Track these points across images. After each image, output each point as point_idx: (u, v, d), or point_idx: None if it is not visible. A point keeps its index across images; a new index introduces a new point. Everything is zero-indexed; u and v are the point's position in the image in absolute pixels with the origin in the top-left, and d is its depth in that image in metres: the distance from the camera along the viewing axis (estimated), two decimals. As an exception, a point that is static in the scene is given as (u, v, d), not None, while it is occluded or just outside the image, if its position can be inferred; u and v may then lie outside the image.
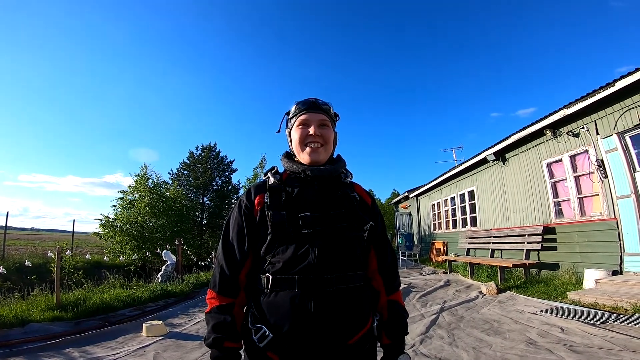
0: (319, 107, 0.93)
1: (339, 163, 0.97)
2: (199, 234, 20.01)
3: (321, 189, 0.89)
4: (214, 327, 0.82)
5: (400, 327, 0.93)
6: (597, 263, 4.79)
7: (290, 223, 0.82)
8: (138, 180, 14.43)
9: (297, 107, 0.95)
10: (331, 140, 0.94)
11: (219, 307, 0.84)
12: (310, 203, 0.86)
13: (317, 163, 0.90)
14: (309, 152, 0.90)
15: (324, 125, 0.93)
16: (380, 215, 0.98)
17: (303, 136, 0.91)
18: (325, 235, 0.82)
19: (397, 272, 0.99)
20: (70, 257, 6.34)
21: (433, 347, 2.84)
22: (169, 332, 3.61)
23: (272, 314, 0.80)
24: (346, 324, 0.80)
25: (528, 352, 2.58)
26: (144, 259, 12.03)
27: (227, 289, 0.86)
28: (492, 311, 3.97)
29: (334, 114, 0.98)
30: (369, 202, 0.97)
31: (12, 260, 9.32)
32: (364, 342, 0.84)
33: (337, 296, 0.79)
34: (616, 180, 4.67)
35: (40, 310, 4.09)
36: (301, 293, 0.78)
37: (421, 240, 13.34)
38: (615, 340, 2.65)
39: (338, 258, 0.82)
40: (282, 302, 0.79)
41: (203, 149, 23.20)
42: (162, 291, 5.79)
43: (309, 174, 0.89)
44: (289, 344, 0.78)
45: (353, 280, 0.83)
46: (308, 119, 0.92)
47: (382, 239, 0.97)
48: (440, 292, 5.43)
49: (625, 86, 4.29)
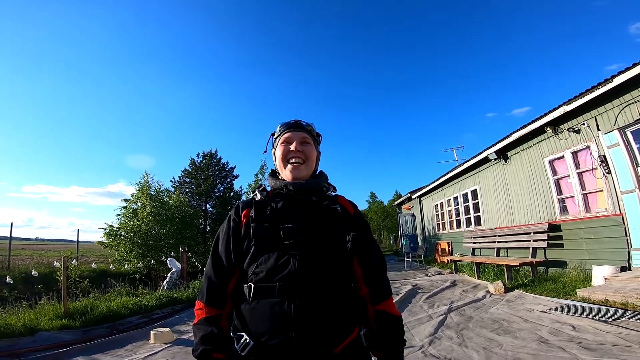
0: (300, 126, 0.98)
1: (320, 177, 1.00)
2: (203, 240, 19.98)
3: (303, 202, 0.92)
4: (202, 338, 0.83)
5: (390, 338, 0.90)
6: (605, 259, 4.75)
7: (272, 234, 0.85)
8: (140, 189, 14.51)
9: (280, 127, 1.00)
10: (312, 157, 0.98)
11: (207, 318, 0.86)
12: (293, 215, 0.89)
13: (298, 179, 0.94)
14: (290, 169, 0.94)
15: (306, 142, 0.97)
16: (364, 224, 0.99)
17: (285, 153, 0.96)
18: (306, 245, 0.84)
19: (383, 281, 0.96)
20: (76, 266, 6.35)
21: (442, 348, 2.82)
22: (176, 339, 3.61)
23: (253, 321, 0.81)
24: (327, 330, 0.80)
25: (540, 351, 2.56)
26: (149, 266, 12.02)
27: (214, 300, 0.88)
28: (501, 310, 3.94)
29: (316, 134, 1.03)
30: (352, 212, 0.98)
31: (19, 270, 9.35)
32: (350, 351, 0.83)
33: (317, 303, 0.80)
34: (619, 175, 4.66)
35: (48, 319, 4.10)
36: (281, 300, 0.79)
37: (425, 241, 13.27)
38: (628, 337, 2.62)
39: (318, 266, 0.83)
40: (263, 309, 0.80)
41: (204, 156, 23.27)
42: (168, 298, 5.79)
43: (291, 188, 0.92)
44: (270, 350, 0.78)
45: (334, 288, 0.84)
46: (290, 136, 0.97)
47: (366, 248, 0.96)
48: (447, 293, 5.39)
49: (624, 82, 4.31)
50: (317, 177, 1.00)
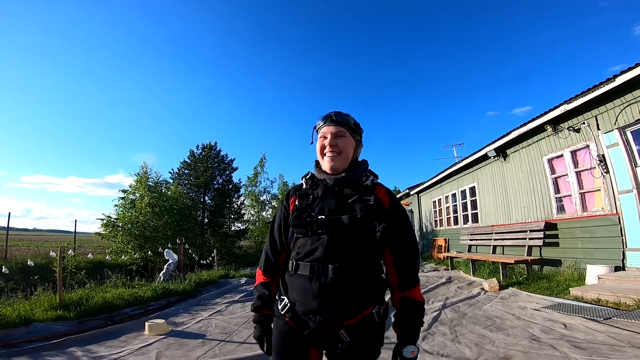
0: (335, 120, 1.08)
1: (357, 168, 1.10)
2: (201, 232, 20.04)
3: (339, 193, 1.06)
4: (258, 297, 1.12)
5: (409, 320, 1.03)
6: (600, 259, 4.77)
7: (307, 224, 1.03)
8: (138, 180, 14.45)
9: (319, 121, 1.11)
10: (348, 148, 1.08)
11: (262, 283, 1.14)
12: (328, 206, 1.04)
13: (335, 170, 1.07)
14: (327, 161, 1.07)
15: (340, 136, 1.07)
16: (399, 216, 1.08)
17: (321, 146, 1.09)
18: (333, 235, 1.00)
19: (413, 270, 1.06)
20: (73, 256, 6.35)
21: (435, 344, 2.84)
22: (171, 331, 3.62)
23: (291, 290, 1.05)
24: (343, 305, 0.97)
25: (531, 349, 2.57)
26: (146, 258, 12.04)
27: (268, 270, 1.14)
28: (495, 308, 3.97)
29: (353, 124, 1.10)
30: (387, 204, 1.06)
31: (15, 260, 9.36)
32: (363, 325, 0.99)
33: (335, 283, 0.97)
34: (617, 175, 4.65)
35: (43, 309, 4.10)
36: (311, 277, 1.00)
37: (422, 238, 13.33)
38: (619, 337, 2.64)
39: (340, 253, 0.99)
40: (298, 282, 1.03)
41: (204, 148, 23.15)
42: (165, 290, 5.81)
43: (329, 182, 1.07)
44: (300, 314, 1.00)
45: (353, 272, 0.99)
46: (325, 131, 1.08)
47: (398, 239, 1.06)
48: (442, 289, 5.43)
49: (626, 81, 4.26)
50: (356, 167, 1.11)
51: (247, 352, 2.81)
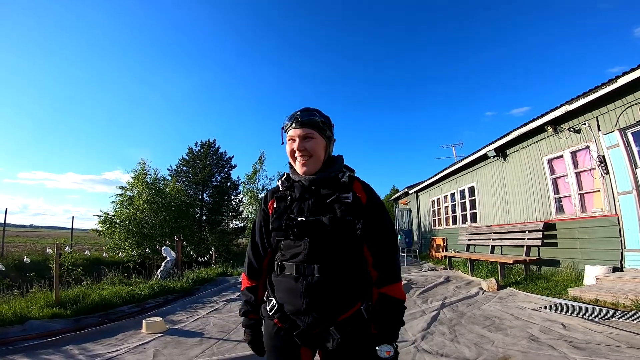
0: (301, 122, 1.02)
1: (332, 167, 1.07)
2: (199, 230, 19.99)
3: (316, 194, 1.04)
4: (245, 302, 1.14)
5: (385, 318, 1.00)
6: (598, 259, 4.78)
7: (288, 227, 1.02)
8: (136, 177, 14.35)
9: (285, 122, 1.06)
10: (318, 150, 1.04)
11: (248, 287, 1.14)
12: (307, 207, 1.03)
13: (308, 174, 1.04)
14: (298, 166, 1.05)
15: (309, 137, 1.02)
16: (376, 211, 1.05)
17: (291, 151, 1.05)
18: (314, 237, 1.00)
19: (391, 266, 1.03)
20: (69, 253, 6.30)
21: (435, 343, 2.84)
22: (168, 329, 3.60)
23: (278, 290, 1.04)
24: (329, 303, 0.98)
25: (530, 349, 2.57)
26: (143, 255, 12.00)
27: (252, 275, 1.14)
28: (493, 307, 3.97)
29: (321, 123, 1.04)
30: (364, 199, 1.04)
31: (11, 257, 9.29)
32: (351, 321, 0.99)
33: (321, 282, 0.97)
34: (617, 176, 4.65)
35: (39, 307, 4.07)
36: (297, 277, 1.00)
37: (421, 237, 13.35)
38: (617, 337, 2.64)
39: (322, 254, 0.99)
40: (284, 282, 1.03)
41: (202, 145, 23.05)
42: (162, 288, 5.78)
43: (304, 183, 1.05)
44: (288, 314, 1.00)
45: (336, 271, 0.99)
46: (292, 134, 1.03)
47: (376, 233, 1.03)
48: (440, 289, 5.43)
49: (627, 82, 4.26)
50: (331, 164, 1.08)
51: (245, 351, 2.79)
